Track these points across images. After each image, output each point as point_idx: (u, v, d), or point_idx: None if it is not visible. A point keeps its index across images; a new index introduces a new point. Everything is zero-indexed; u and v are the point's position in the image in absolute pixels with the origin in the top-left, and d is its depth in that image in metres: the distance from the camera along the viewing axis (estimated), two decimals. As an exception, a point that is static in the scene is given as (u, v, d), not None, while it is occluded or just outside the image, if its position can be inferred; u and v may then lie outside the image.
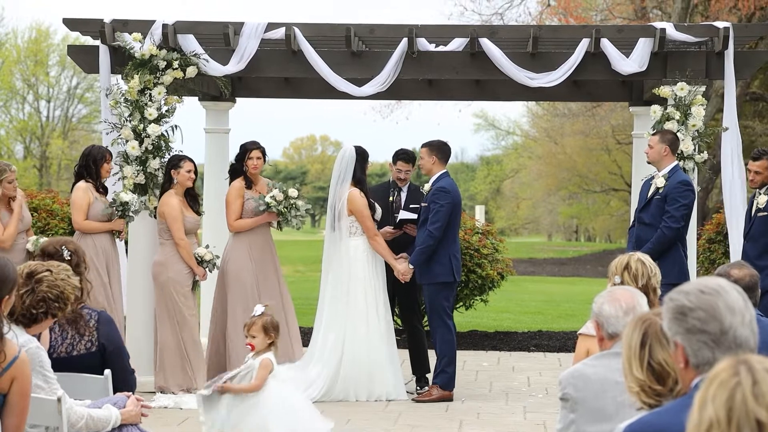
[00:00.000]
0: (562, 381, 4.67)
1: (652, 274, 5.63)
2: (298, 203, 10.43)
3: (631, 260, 5.65)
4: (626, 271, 5.61)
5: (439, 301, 10.16)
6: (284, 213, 10.36)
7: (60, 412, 5.26)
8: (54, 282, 5.45)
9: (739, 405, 2.54)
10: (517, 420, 9.38)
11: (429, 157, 10.28)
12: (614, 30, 11.40)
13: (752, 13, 26.73)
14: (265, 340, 7.76)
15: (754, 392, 2.55)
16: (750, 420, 2.52)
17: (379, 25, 10.90)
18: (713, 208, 27.80)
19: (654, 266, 5.68)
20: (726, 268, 6.20)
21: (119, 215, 10.24)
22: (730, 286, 3.12)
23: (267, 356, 7.74)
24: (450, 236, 10.18)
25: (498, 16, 30.43)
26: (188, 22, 10.80)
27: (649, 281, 5.60)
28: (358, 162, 10.38)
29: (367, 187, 10.48)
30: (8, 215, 9.90)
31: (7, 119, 50.14)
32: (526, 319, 17.67)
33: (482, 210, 30.84)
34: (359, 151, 10.44)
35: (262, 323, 7.76)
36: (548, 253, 49.73)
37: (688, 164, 10.42)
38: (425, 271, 10.17)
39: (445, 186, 10.18)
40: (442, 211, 10.07)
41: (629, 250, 9.76)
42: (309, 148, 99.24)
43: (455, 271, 10.19)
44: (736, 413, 2.53)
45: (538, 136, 51.69)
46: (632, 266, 5.61)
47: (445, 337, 10.16)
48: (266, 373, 7.67)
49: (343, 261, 10.31)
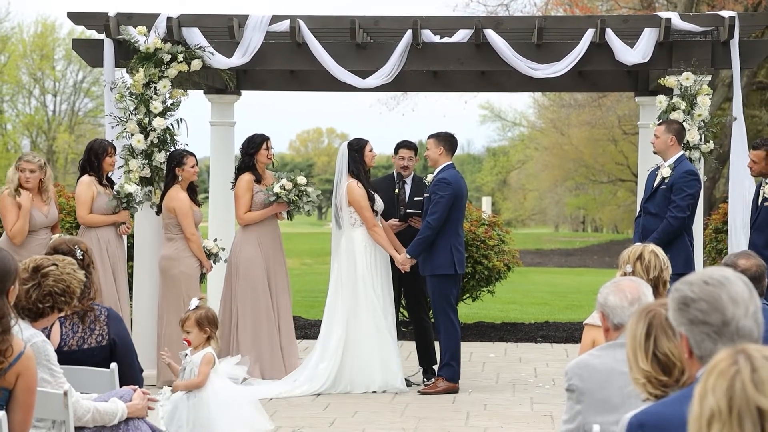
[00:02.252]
0: (568, 372, 4.66)
1: (664, 267, 5.62)
2: (308, 189, 10.46)
3: (645, 251, 5.64)
4: (639, 261, 5.60)
5: (442, 293, 10.15)
6: (295, 201, 10.38)
7: (66, 405, 5.26)
8: (60, 276, 5.46)
9: (740, 393, 2.54)
10: (524, 411, 9.38)
11: (436, 148, 10.26)
12: (619, 20, 11.38)
13: (758, 2, 26.66)
14: (200, 334, 7.68)
15: (754, 380, 2.55)
16: (751, 408, 2.52)
17: (383, 16, 10.89)
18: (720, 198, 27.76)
19: (666, 260, 5.67)
20: (733, 258, 6.19)
21: (124, 207, 10.25)
22: (735, 276, 3.11)
23: (208, 351, 7.67)
24: (452, 228, 10.15)
25: (503, 7, 30.39)
26: (193, 15, 10.80)
27: (660, 274, 5.59)
28: (349, 155, 10.40)
29: (365, 178, 10.43)
30: (39, 211, 9.86)
31: (14, 114, 50.23)
32: (532, 310, 17.67)
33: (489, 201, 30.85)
34: (350, 144, 10.47)
35: (195, 318, 7.66)
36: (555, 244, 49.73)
37: (695, 154, 10.41)
38: (427, 263, 10.16)
39: (447, 177, 10.16)
40: (442, 202, 10.05)
41: (636, 241, 9.76)
42: (315, 140, 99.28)
43: (457, 263, 10.14)
44: (737, 402, 2.53)
45: (544, 126, 51.66)
46: (645, 257, 5.61)
47: (449, 330, 10.16)
48: (208, 369, 7.61)
49: (344, 252, 10.32)
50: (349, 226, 10.34)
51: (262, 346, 10.33)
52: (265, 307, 10.37)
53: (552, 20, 12.20)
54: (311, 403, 9.67)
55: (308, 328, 14.00)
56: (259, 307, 10.35)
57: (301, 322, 14.33)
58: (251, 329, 10.32)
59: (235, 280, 10.45)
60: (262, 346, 10.33)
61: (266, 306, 10.38)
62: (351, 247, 10.30)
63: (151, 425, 5.77)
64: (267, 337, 10.35)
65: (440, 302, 10.16)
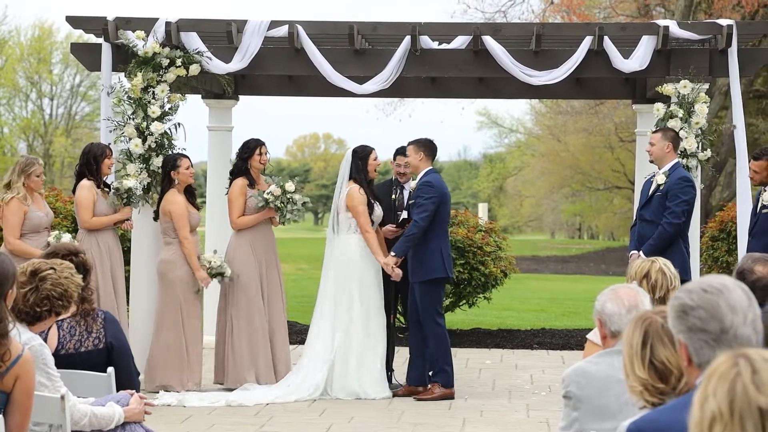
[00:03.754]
0: (565, 379, 4.66)
1: (672, 287, 5.31)
2: (294, 197, 10.42)
3: (652, 269, 5.35)
4: (645, 280, 5.34)
5: (433, 298, 10.12)
6: (281, 208, 10.38)
7: (63, 410, 5.26)
8: (58, 280, 5.45)
9: (741, 395, 2.54)
10: (520, 418, 9.38)
11: (416, 154, 10.24)
12: (617, 28, 11.40)
13: (756, 11, 26.69)
14: None
15: (755, 381, 2.55)
16: (752, 409, 2.53)
17: (382, 22, 10.90)
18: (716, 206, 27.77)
19: (675, 276, 5.38)
20: (750, 263, 6.08)
21: (125, 203, 10.25)
22: (734, 284, 3.11)
23: None
24: (440, 230, 10.14)
25: (501, 13, 30.42)
26: (191, 20, 10.81)
27: (667, 294, 5.28)
28: (352, 161, 10.41)
29: (366, 185, 10.42)
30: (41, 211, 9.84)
31: (11, 117, 50.19)
32: (529, 316, 17.68)
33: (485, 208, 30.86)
34: (355, 151, 10.47)
35: None
36: (551, 251, 49.73)
37: (692, 162, 10.42)
38: (417, 270, 10.10)
39: (431, 180, 10.15)
40: (428, 203, 10.02)
41: (632, 248, 9.79)
42: (312, 146, 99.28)
43: (447, 267, 10.15)
44: (738, 404, 2.54)
45: (541, 133, 51.70)
46: (652, 276, 5.34)
47: (440, 336, 10.14)
48: None
49: (340, 256, 10.31)
50: (346, 231, 10.33)
51: (258, 350, 10.32)
52: (258, 312, 10.36)
53: (550, 27, 12.22)
54: (307, 409, 9.66)
55: (304, 333, 13.92)
56: (253, 312, 10.35)
57: (297, 327, 14.33)
58: (246, 333, 10.31)
59: (229, 286, 10.44)
60: (258, 350, 10.32)
61: (260, 310, 10.37)
62: (347, 251, 10.29)
63: (147, 430, 5.76)
64: (262, 341, 10.34)
65: (430, 309, 10.11)
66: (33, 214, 9.76)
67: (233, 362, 10.30)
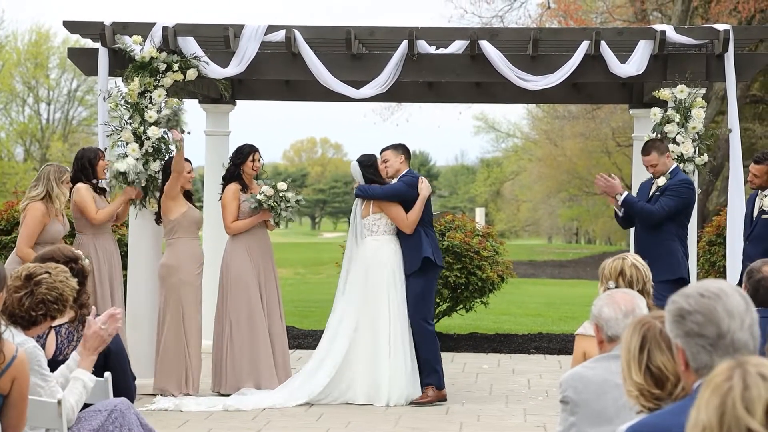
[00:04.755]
0: (563, 383, 4.66)
1: (647, 279, 5.48)
2: (287, 195, 10.41)
3: (625, 266, 5.48)
4: (621, 277, 5.48)
5: (427, 294, 10.12)
6: (275, 207, 10.37)
7: (60, 414, 5.25)
8: (53, 284, 5.44)
9: (730, 412, 2.53)
10: (518, 422, 9.37)
11: (397, 157, 10.35)
12: (614, 32, 11.41)
13: (752, 16, 26.75)
14: None
15: (744, 398, 2.54)
16: (740, 427, 2.52)
17: (379, 27, 10.90)
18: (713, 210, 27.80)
19: (647, 269, 5.52)
20: (759, 264, 6.10)
21: (123, 183, 10.28)
22: (732, 289, 3.11)
23: None
24: (426, 220, 10.29)
25: (498, 18, 30.47)
26: (188, 25, 10.81)
27: (644, 287, 5.44)
28: (363, 170, 10.40)
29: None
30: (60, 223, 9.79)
31: (8, 122, 50.19)
32: (526, 321, 17.67)
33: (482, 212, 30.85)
34: (361, 162, 10.45)
35: None
36: (548, 256, 49.75)
37: (689, 167, 10.43)
38: (414, 258, 10.14)
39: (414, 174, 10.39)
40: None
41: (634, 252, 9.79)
42: (309, 150, 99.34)
43: (437, 256, 10.24)
44: (727, 420, 2.53)
45: (538, 138, 51.73)
46: (626, 272, 5.47)
47: (429, 336, 10.14)
48: None
49: (368, 260, 10.23)
50: (371, 235, 10.26)
51: (260, 356, 10.29)
52: (258, 316, 10.34)
53: (547, 32, 12.22)
54: (305, 413, 9.65)
55: (302, 338, 13.99)
56: (253, 317, 10.33)
57: (295, 332, 14.32)
58: (248, 339, 10.29)
59: (227, 291, 10.43)
60: (260, 356, 10.29)
61: (259, 315, 10.36)
62: (374, 255, 10.20)
63: (141, 420, 5.72)
64: (264, 347, 10.32)
65: (422, 308, 10.09)
66: (52, 227, 9.69)
67: (231, 369, 10.27)
